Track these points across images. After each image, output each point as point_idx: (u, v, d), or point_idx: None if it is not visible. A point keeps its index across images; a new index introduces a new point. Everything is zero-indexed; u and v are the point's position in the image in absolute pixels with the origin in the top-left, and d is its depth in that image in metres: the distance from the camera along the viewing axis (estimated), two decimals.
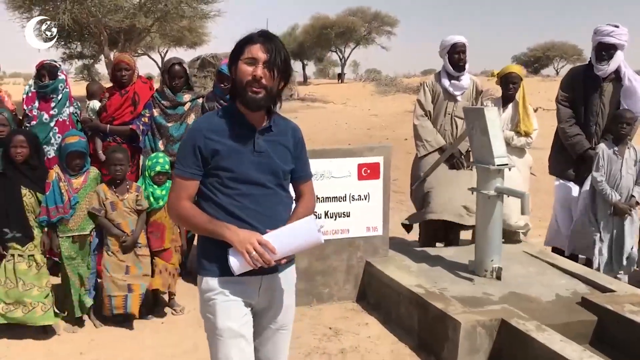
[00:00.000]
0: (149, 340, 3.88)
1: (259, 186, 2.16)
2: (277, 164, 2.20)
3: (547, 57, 51.82)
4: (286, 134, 2.26)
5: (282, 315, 2.32)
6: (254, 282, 2.19)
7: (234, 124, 2.17)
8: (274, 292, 2.27)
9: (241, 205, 2.14)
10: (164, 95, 4.78)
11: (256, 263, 2.02)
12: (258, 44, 2.10)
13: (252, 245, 2.01)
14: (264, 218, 2.13)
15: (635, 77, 4.83)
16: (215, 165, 2.14)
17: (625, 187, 4.71)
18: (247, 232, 2.06)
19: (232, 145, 2.14)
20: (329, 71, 58.97)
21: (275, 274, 2.24)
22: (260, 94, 2.09)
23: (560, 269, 4.46)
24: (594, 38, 4.87)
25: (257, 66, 2.08)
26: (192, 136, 2.17)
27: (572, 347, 3.10)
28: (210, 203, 2.17)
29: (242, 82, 2.10)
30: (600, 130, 4.88)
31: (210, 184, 2.16)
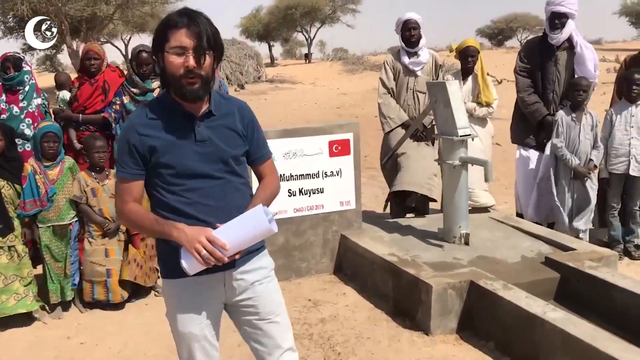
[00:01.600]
0: (134, 321, 4.00)
1: (206, 178, 1.99)
2: (223, 150, 2.01)
3: (511, 28, 52.29)
4: (232, 116, 2.07)
5: (262, 304, 2.15)
6: (215, 279, 2.06)
7: (170, 115, 1.99)
8: (245, 285, 2.11)
9: (189, 201, 1.98)
10: (133, 83, 4.84)
11: (208, 262, 1.87)
12: (183, 28, 1.89)
13: (201, 244, 1.85)
14: (216, 211, 1.98)
15: (586, 44, 5.07)
16: (156, 163, 1.97)
17: (584, 151, 4.94)
18: (196, 229, 1.89)
19: (170, 139, 1.96)
20: (295, 52, 58.63)
21: (237, 267, 2.08)
22: (196, 85, 1.91)
23: (524, 232, 4.68)
24: (547, 8, 5.08)
25: (187, 56, 1.89)
26: (125, 134, 2.00)
27: (537, 303, 3.32)
28: (158, 203, 2.01)
29: (175, 75, 1.91)
30: (557, 97, 5.10)
31: (155, 182, 2.01)
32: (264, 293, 2.15)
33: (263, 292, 2.15)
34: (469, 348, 3.49)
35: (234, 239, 1.89)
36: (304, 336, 3.69)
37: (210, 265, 1.88)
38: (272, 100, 21.08)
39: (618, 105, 5.10)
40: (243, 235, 1.90)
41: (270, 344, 2.19)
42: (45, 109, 4.85)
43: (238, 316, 2.19)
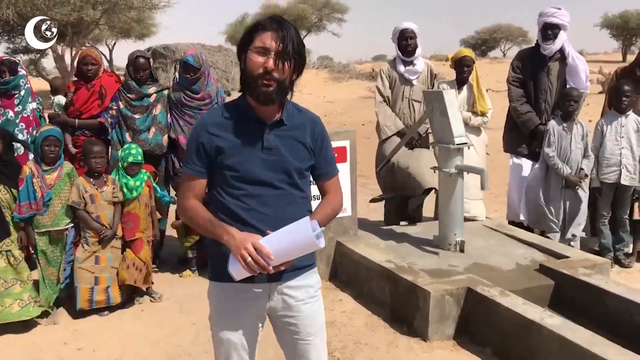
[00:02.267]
0: (130, 327, 3.97)
1: (268, 186, 1.99)
2: (289, 161, 2.00)
3: (494, 39, 52.87)
4: (303, 129, 2.06)
5: (302, 324, 2.12)
6: (262, 289, 2.05)
7: (241, 118, 2.00)
8: (289, 301, 2.09)
9: (247, 206, 1.98)
10: (129, 88, 4.83)
11: (253, 269, 1.86)
12: (270, 31, 1.91)
13: (247, 250, 1.85)
14: (272, 220, 1.96)
15: (578, 55, 5.19)
16: (221, 164, 1.98)
17: (575, 160, 5.03)
18: (244, 235, 1.89)
19: (237, 142, 1.97)
20: None
21: (285, 281, 2.07)
22: (271, 87, 1.91)
23: (518, 239, 4.75)
24: (539, 20, 5.19)
25: (268, 57, 1.89)
26: (196, 132, 2.02)
27: (534, 309, 3.38)
28: (216, 203, 2.03)
29: (253, 74, 1.92)
30: (549, 107, 5.20)
31: (217, 184, 2.03)
32: (307, 313, 2.13)
33: (306, 312, 2.12)
34: (466, 354, 3.53)
35: (279, 249, 1.86)
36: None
37: (255, 273, 1.88)
38: None
39: (608, 115, 5.21)
40: (288, 247, 1.87)
41: None
42: (40, 114, 4.82)
43: (278, 329, 2.20)
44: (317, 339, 2.17)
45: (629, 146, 5.02)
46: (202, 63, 4.93)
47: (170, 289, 4.56)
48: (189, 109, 4.92)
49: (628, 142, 5.03)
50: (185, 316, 4.11)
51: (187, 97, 4.91)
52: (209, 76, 5.06)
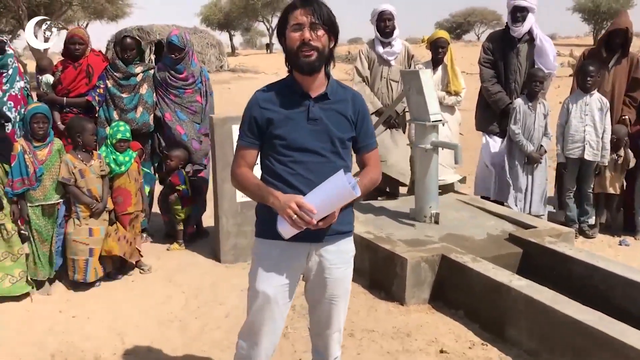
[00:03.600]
0: (122, 296, 4.15)
1: (313, 153, 2.18)
2: (332, 131, 2.20)
3: (469, 22, 53.40)
4: (345, 103, 2.25)
5: (331, 286, 2.32)
6: (301, 249, 2.24)
7: (289, 93, 2.21)
8: (324, 263, 2.28)
9: (293, 172, 2.18)
10: (116, 67, 4.95)
11: (299, 225, 2.06)
12: (299, 8, 2.13)
13: (291, 209, 2.04)
14: (313, 185, 2.13)
15: (545, 37, 5.47)
16: (270, 134, 2.19)
17: (537, 138, 5.34)
18: (287, 196, 2.09)
19: (285, 113, 2.18)
20: (256, 41, 58.41)
21: (325, 244, 2.26)
22: (312, 56, 2.12)
23: (489, 212, 5.02)
24: (509, 2, 5.45)
25: (303, 30, 2.11)
26: (249, 106, 2.25)
27: (503, 273, 3.64)
28: (269, 172, 2.23)
29: (293, 49, 2.14)
30: (519, 86, 5.47)
31: (268, 152, 2.23)
32: (337, 277, 2.32)
33: (337, 276, 2.32)
34: (441, 316, 3.79)
35: (320, 203, 2.06)
36: None
37: (302, 228, 2.07)
38: (236, 89, 21.03)
39: (574, 95, 5.48)
40: (328, 199, 2.07)
41: (324, 321, 2.41)
42: (27, 92, 4.90)
43: (309, 286, 2.38)
44: (341, 301, 2.38)
45: (592, 123, 5.30)
46: (186, 43, 5.06)
47: (159, 262, 4.74)
48: (173, 89, 5.06)
49: (592, 120, 5.31)
50: (175, 286, 4.30)
51: (171, 77, 5.04)
52: (193, 56, 5.20)
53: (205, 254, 4.91)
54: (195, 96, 5.12)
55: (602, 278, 3.71)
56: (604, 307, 3.22)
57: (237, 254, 4.73)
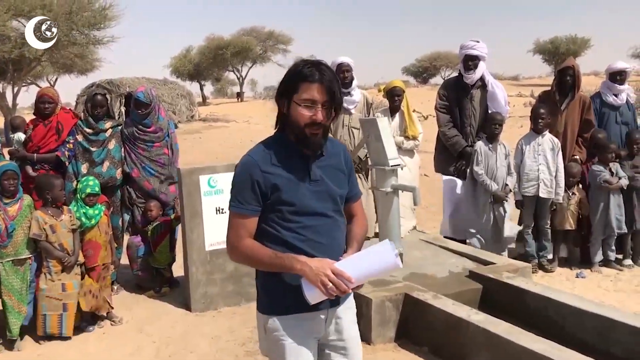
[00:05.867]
0: (93, 349, 4.19)
1: (320, 216, 2.09)
2: (333, 190, 2.13)
3: (434, 66, 54.70)
4: (337, 156, 2.19)
5: (351, 347, 2.23)
6: (320, 316, 2.13)
7: (287, 154, 2.09)
8: (341, 324, 2.19)
9: (303, 238, 2.06)
10: (87, 123, 5.11)
11: (332, 293, 1.94)
12: (316, 84, 2.00)
13: (328, 277, 1.92)
14: (325, 248, 2.06)
15: (496, 83, 5.81)
16: (276, 200, 2.05)
17: (500, 177, 5.58)
18: (319, 261, 1.96)
19: (289, 177, 2.06)
20: (227, 90, 59.01)
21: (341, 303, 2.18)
22: (319, 135, 2.05)
23: (451, 250, 5.22)
24: (461, 52, 5.79)
25: (316, 109, 2.01)
26: (247, 171, 2.07)
27: (462, 308, 3.81)
28: (270, 237, 2.08)
29: (300, 125, 2.02)
30: (474, 130, 5.76)
31: (271, 219, 2.08)
32: (352, 335, 2.24)
33: (352, 334, 2.24)
34: (406, 353, 3.91)
35: (358, 272, 1.95)
36: (257, 352, 3.97)
37: (333, 296, 1.96)
38: (207, 138, 21.24)
39: (527, 136, 5.79)
40: (367, 269, 1.97)
41: None
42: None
43: (325, 354, 2.24)
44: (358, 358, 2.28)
45: (545, 163, 5.59)
46: (152, 98, 5.27)
47: (130, 312, 4.79)
48: (142, 142, 5.23)
49: (544, 159, 5.60)
50: (146, 336, 4.35)
51: (139, 131, 5.22)
52: (160, 110, 5.40)
53: (175, 304, 4.98)
54: (163, 149, 5.30)
55: (556, 309, 3.89)
56: (558, 336, 3.41)
57: (207, 303, 4.81)
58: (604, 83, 6.22)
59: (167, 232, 5.25)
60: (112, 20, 22.20)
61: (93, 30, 22.03)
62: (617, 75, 6.04)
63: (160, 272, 5.29)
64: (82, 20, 20.38)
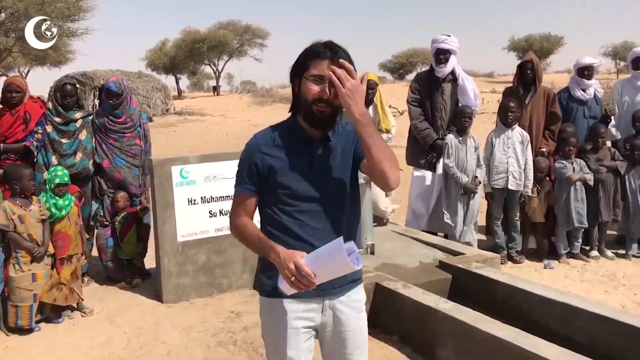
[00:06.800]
0: (62, 340, 4.15)
1: (318, 202, 2.06)
2: (337, 178, 2.09)
3: (411, 63, 54.93)
4: (344, 138, 2.12)
5: (350, 339, 2.19)
6: (316, 302, 2.12)
7: (292, 138, 2.08)
8: (339, 315, 2.16)
9: (300, 222, 2.05)
10: (56, 113, 5.05)
11: (299, 287, 1.88)
12: (326, 59, 1.97)
13: (289, 270, 1.87)
14: (323, 234, 2.01)
15: (467, 77, 5.89)
16: (273, 183, 2.05)
17: (470, 169, 5.67)
18: (288, 254, 1.91)
19: (288, 161, 2.04)
20: (203, 84, 58.63)
21: (338, 295, 2.15)
22: (326, 112, 1.99)
23: (422, 241, 5.29)
24: (432, 46, 5.86)
25: (324, 85, 1.96)
26: (249, 152, 2.09)
27: (431, 297, 3.87)
28: (273, 222, 2.09)
29: (308, 100, 1.99)
30: (444, 123, 5.84)
31: (272, 203, 2.08)
32: (354, 328, 2.20)
33: (354, 327, 2.20)
34: (377, 342, 3.95)
35: (318, 269, 1.87)
36: (228, 343, 4.03)
37: (302, 290, 1.89)
38: (182, 131, 21.14)
39: (497, 129, 5.89)
40: (326, 266, 1.87)
41: None
42: None
43: (325, 343, 2.23)
44: (362, 354, 2.25)
45: (514, 155, 5.70)
46: (124, 89, 5.23)
47: (101, 303, 4.77)
48: (113, 133, 5.19)
49: (514, 152, 5.70)
50: (116, 327, 4.34)
51: (110, 122, 5.18)
52: (131, 101, 5.36)
53: (147, 295, 4.96)
54: (135, 140, 5.27)
55: (522, 298, 3.98)
56: (524, 324, 3.48)
57: (179, 294, 4.81)
58: (572, 78, 6.34)
59: (133, 222, 5.23)
60: (86, 12, 21.95)
61: (67, 22, 21.78)
62: (584, 71, 6.16)
63: (131, 264, 5.28)
64: (56, 12, 20.12)
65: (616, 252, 6.01)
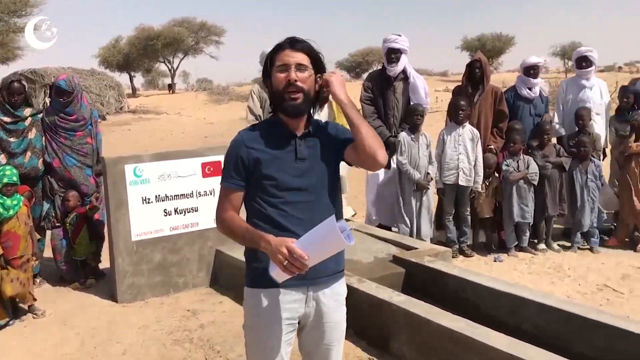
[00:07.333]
0: (14, 342, 4.07)
1: (303, 192, 2.13)
2: (321, 168, 2.18)
3: (367, 61, 55.36)
4: (325, 133, 2.22)
5: (329, 331, 2.26)
6: (298, 295, 2.17)
7: (275, 133, 2.17)
8: (322, 307, 2.22)
9: (286, 214, 2.11)
10: (4, 111, 4.93)
11: (291, 271, 1.94)
12: (286, 49, 2.10)
13: (282, 254, 1.92)
14: (308, 225, 2.02)
15: (418, 75, 6.04)
16: (259, 175, 2.12)
17: (423, 166, 5.81)
18: (278, 240, 1.96)
19: (273, 153, 2.13)
20: (158, 82, 57.66)
21: (322, 287, 2.21)
22: (298, 99, 2.09)
23: (376, 237, 5.38)
24: (383, 46, 5.98)
25: (289, 70, 2.07)
26: (234, 146, 2.17)
27: (385, 291, 3.95)
28: (258, 215, 2.15)
29: (279, 89, 2.10)
30: (397, 120, 5.97)
31: (258, 196, 2.15)
32: (335, 320, 2.27)
33: (335, 319, 2.27)
34: None
35: (312, 249, 1.92)
36: (185, 340, 4.03)
37: (294, 274, 1.95)
38: (137, 130, 20.80)
39: (448, 127, 6.03)
40: (320, 247, 1.93)
41: None
42: None
43: (304, 334, 2.29)
44: (339, 345, 2.32)
45: (465, 152, 5.86)
46: (75, 86, 5.14)
47: (53, 305, 4.69)
48: (63, 131, 5.11)
49: (464, 149, 5.86)
50: (70, 328, 4.28)
51: (61, 120, 5.10)
52: (82, 98, 5.27)
53: (101, 295, 4.90)
54: (86, 138, 5.19)
55: (473, 290, 4.11)
56: (475, 315, 3.58)
57: (134, 293, 4.77)
58: (518, 77, 6.55)
59: (84, 223, 5.15)
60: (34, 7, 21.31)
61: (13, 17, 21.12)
62: (530, 70, 6.37)
63: (85, 264, 5.20)
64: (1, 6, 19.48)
65: (562, 245, 6.25)
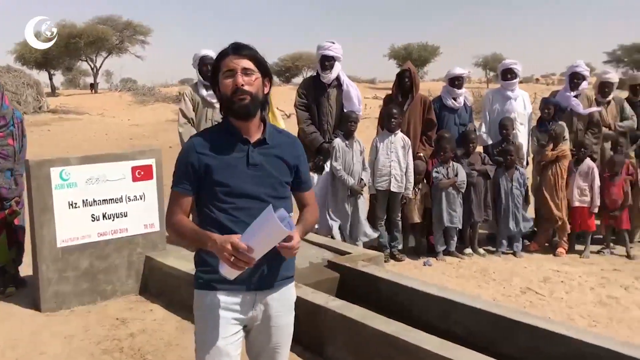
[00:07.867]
0: None
1: (254, 199, 2.15)
2: (273, 176, 2.20)
3: (297, 66, 55.51)
4: (283, 147, 2.26)
5: (276, 334, 2.29)
6: (248, 297, 2.20)
7: (227, 138, 2.18)
8: (269, 310, 2.25)
9: (236, 219, 2.12)
10: None
11: (239, 266, 1.96)
12: (230, 55, 2.14)
13: (227, 251, 1.94)
14: None
15: (351, 83, 6.16)
16: (210, 180, 2.14)
17: (357, 172, 5.90)
18: (223, 237, 1.99)
19: (224, 159, 2.15)
20: (79, 81, 55.46)
21: (270, 291, 2.24)
22: (246, 100, 2.11)
23: (311, 242, 5.40)
24: (318, 52, 6.06)
25: (235, 75, 2.11)
26: (185, 153, 2.19)
27: (321, 296, 3.98)
28: (206, 219, 2.17)
29: (227, 94, 2.13)
30: (331, 127, 6.05)
31: (209, 201, 2.17)
32: (282, 324, 2.31)
33: (282, 323, 2.31)
34: None
35: (255, 241, 1.95)
36: (114, 350, 3.90)
37: (243, 269, 1.98)
38: (57, 131, 19.89)
39: (381, 134, 6.16)
40: (262, 237, 1.96)
41: None
42: None
43: (250, 337, 2.31)
44: (285, 348, 2.37)
45: (397, 159, 6.00)
46: None
47: None
48: None
49: (396, 156, 6.00)
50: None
51: None
52: (3, 97, 5.00)
53: (23, 304, 4.66)
54: (7, 139, 4.90)
55: (405, 294, 4.21)
56: (407, 319, 3.67)
57: (59, 302, 4.57)
58: (444, 87, 6.76)
59: (2, 228, 4.88)
60: None
61: None
62: (455, 80, 6.60)
63: (4, 272, 4.92)
64: None
65: (487, 249, 6.52)
